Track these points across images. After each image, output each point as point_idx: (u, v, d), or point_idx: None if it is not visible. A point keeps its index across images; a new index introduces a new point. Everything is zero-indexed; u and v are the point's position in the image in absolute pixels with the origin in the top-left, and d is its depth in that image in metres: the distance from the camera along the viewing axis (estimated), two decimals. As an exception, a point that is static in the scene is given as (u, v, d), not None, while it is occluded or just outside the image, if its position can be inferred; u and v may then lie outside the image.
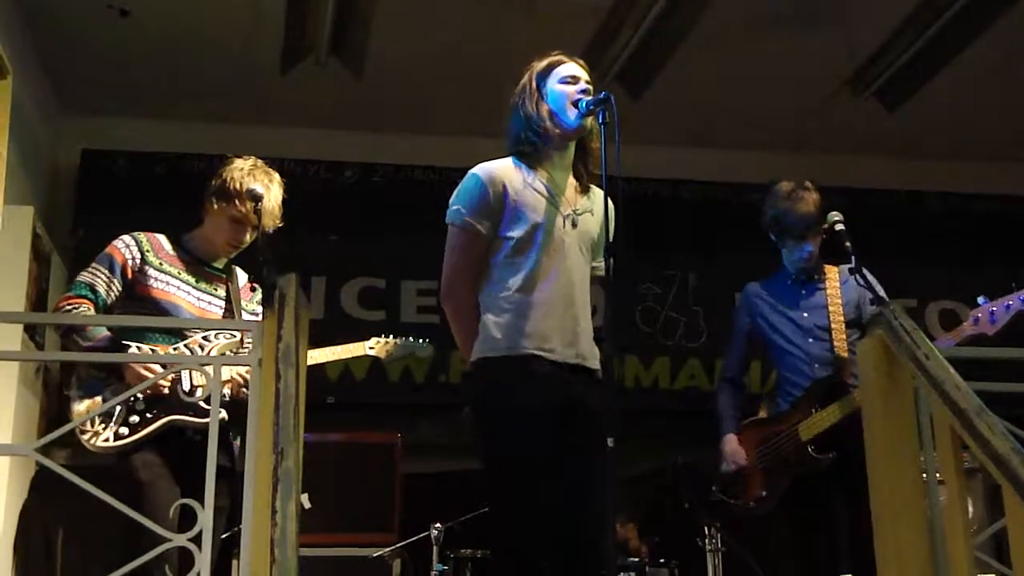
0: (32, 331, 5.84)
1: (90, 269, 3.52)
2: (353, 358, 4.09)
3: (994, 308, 3.63)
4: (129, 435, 3.37)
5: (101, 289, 3.48)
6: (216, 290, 3.64)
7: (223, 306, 3.64)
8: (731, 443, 4.07)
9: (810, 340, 3.96)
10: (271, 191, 3.58)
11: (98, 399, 3.38)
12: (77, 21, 6.09)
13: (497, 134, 3.41)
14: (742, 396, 4.21)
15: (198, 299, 3.58)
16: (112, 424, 3.37)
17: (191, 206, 3.72)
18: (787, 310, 4.04)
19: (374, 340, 4.03)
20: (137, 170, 7.00)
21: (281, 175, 3.70)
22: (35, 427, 5.94)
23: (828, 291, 3.98)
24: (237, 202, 3.54)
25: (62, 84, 6.72)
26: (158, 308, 3.48)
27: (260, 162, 3.66)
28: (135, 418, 3.38)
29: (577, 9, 6.06)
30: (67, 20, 6.08)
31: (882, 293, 3.84)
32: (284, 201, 3.67)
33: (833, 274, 4.04)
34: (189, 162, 6.82)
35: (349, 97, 6.84)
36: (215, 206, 3.60)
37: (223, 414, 3.37)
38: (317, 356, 3.87)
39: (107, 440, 3.36)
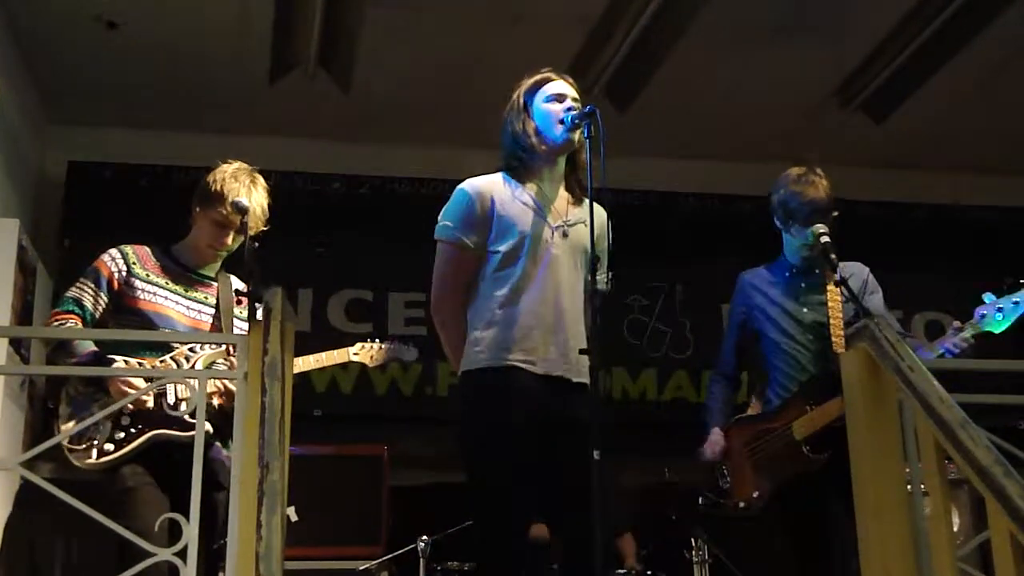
0: (17, 344, 5.82)
1: (77, 284, 3.53)
2: (338, 366, 4.06)
3: (1000, 305, 3.61)
4: (114, 451, 3.36)
5: (88, 303, 3.48)
6: (206, 298, 3.63)
7: (213, 314, 3.63)
8: (714, 434, 3.97)
9: (810, 337, 3.83)
10: (254, 195, 3.58)
11: (84, 414, 3.38)
12: (64, 33, 6.08)
13: (484, 146, 3.42)
14: (735, 391, 4.10)
15: (187, 308, 3.57)
16: (98, 441, 3.37)
17: (178, 217, 3.72)
18: (785, 303, 3.91)
19: (358, 345, 4.00)
20: (124, 182, 6.99)
21: (268, 187, 3.70)
22: (20, 440, 5.92)
23: (830, 287, 3.82)
24: (219, 205, 3.54)
25: (49, 96, 6.71)
26: (146, 320, 3.48)
27: (244, 165, 3.65)
28: (120, 434, 3.38)
29: (564, 23, 6.07)
30: (54, 32, 6.07)
31: (878, 305, 3.83)
32: (269, 206, 3.67)
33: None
34: (176, 174, 6.80)
35: (336, 109, 6.85)
36: (198, 210, 3.61)
37: (208, 427, 3.37)
38: (301, 364, 3.85)
39: (92, 457, 3.36)
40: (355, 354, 3.94)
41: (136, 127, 6.94)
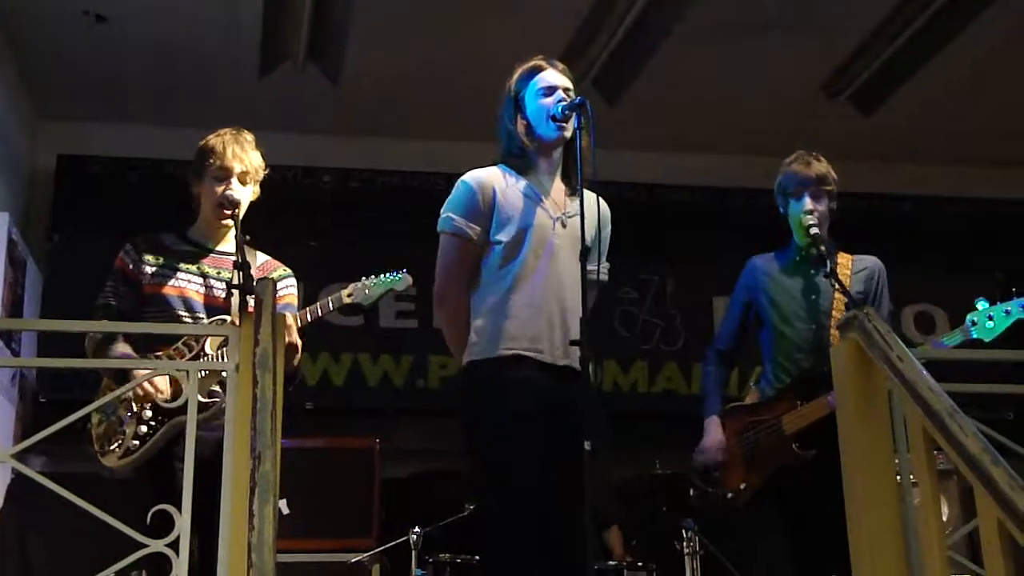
0: (8, 338, 5.81)
1: (103, 290, 3.54)
2: (330, 359, 4.03)
3: (991, 313, 3.63)
4: (139, 447, 3.36)
5: (113, 302, 3.50)
6: (219, 272, 3.59)
7: (224, 287, 3.59)
8: (714, 429, 3.94)
9: (813, 326, 3.82)
10: (247, 157, 3.59)
11: (112, 418, 3.40)
12: (53, 26, 6.06)
13: (475, 138, 3.42)
14: (730, 369, 4.10)
15: (200, 285, 3.54)
16: (123, 439, 3.37)
17: (167, 210, 3.73)
18: (791, 290, 3.89)
19: (351, 287, 3.94)
20: (113, 175, 6.99)
21: (258, 166, 3.70)
22: (11, 434, 5.91)
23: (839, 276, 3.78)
24: (209, 157, 3.55)
25: (38, 89, 6.69)
26: (162, 303, 3.48)
27: (230, 131, 3.65)
28: (143, 428, 3.37)
29: (554, 15, 6.07)
30: (43, 25, 6.05)
31: (886, 303, 3.85)
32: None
33: (846, 261, 3.90)
34: (166, 167, 6.77)
35: (326, 102, 6.83)
36: (194, 179, 3.61)
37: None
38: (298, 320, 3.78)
39: (119, 456, 3.36)
40: (349, 295, 3.89)
41: (125, 121, 6.93)
